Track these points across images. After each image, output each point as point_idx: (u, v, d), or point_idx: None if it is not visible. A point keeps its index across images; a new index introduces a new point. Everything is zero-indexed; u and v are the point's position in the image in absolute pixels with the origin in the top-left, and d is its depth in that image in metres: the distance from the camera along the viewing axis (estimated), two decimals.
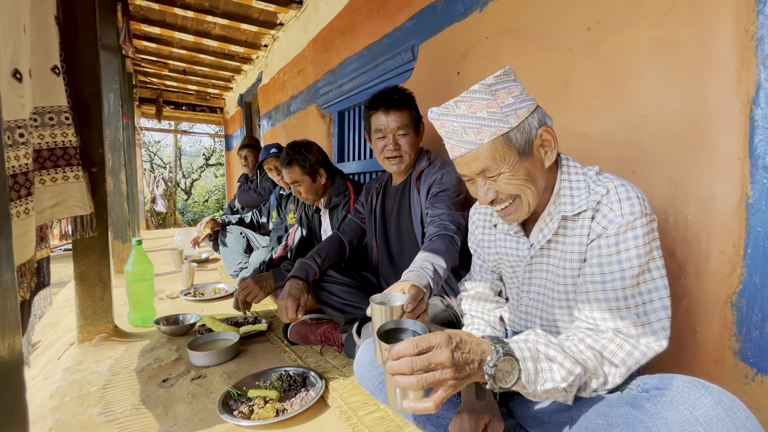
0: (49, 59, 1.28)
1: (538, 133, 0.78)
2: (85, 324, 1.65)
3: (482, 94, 0.76)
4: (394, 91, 1.42)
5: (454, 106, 0.77)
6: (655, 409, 0.59)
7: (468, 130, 0.77)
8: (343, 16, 2.71)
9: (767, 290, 0.92)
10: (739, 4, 0.92)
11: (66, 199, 1.38)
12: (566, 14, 1.30)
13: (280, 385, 1.23)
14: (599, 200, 0.77)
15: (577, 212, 0.79)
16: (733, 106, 0.94)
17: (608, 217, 0.75)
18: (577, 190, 0.81)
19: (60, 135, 1.33)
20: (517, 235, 0.91)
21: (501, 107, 0.75)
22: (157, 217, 9.41)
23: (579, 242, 0.79)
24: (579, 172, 0.83)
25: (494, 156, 0.76)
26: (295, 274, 1.46)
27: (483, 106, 0.76)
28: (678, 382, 0.61)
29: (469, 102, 0.76)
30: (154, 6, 3.20)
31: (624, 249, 0.73)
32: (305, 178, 1.85)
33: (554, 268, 0.84)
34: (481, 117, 0.76)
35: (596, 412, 0.65)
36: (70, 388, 1.30)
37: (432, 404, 0.58)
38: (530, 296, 0.91)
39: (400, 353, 0.58)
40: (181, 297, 2.33)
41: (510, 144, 0.76)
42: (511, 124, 0.75)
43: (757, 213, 0.92)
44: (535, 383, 0.63)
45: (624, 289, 0.73)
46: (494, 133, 0.75)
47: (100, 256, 1.66)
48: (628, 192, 0.75)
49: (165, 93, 6.32)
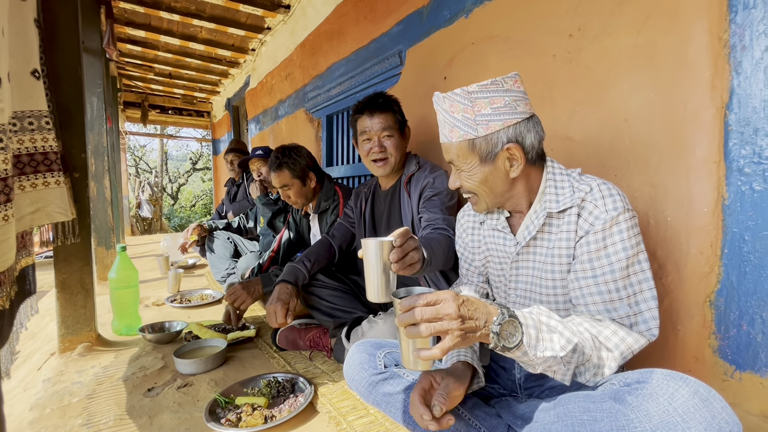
0: (29, 63, 1.26)
1: (504, 147, 0.82)
2: (66, 333, 1.60)
3: (462, 99, 0.82)
4: (378, 96, 1.45)
5: (442, 100, 0.85)
6: (636, 402, 0.61)
7: (445, 125, 0.86)
8: (330, 20, 2.72)
9: (743, 289, 0.95)
10: (712, 14, 0.96)
11: (46, 205, 1.34)
12: (549, 21, 1.33)
13: (268, 391, 1.22)
14: (583, 197, 0.81)
15: (562, 209, 0.83)
16: (708, 111, 0.97)
17: (594, 213, 0.79)
18: (562, 189, 0.85)
19: (40, 140, 1.30)
20: (504, 231, 0.94)
21: (476, 115, 0.81)
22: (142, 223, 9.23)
23: (567, 238, 0.83)
24: (563, 173, 0.88)
25: (459, 154, 0.85)
26: (284, 279, 1.45)
27: (460, 109, 0.82)
28: (657, 375, 0.64)
29: (451, 101, 0.83)
30: (138, 9, 3.16)
31: (611, 243, 0.77)
32: (295, 181, 1.84)
33: (540, 264, 0.87)
34: (456, 118, 0.83)
35: (581, 408, 0.66)
36: (51, 399, 1.26)
37: (438, 351, 0.62)
38: (517, 292, 0.92)
39: (411, 305, 0.64)
40: (168, 304, 2.29)
41: (473, 149, 0.83)
42: (478, 133, 0.81)
43: (732, 214, 0.95)
44: (536, 348, 0.67)
45: (615, 282, 0.77)
46: (461, 136, 0.83)
47: (83, 263, 1.62)
48: (610, 189, 0.80)
49: (150, 97, 6.23)
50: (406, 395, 0.88)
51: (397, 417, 0.89)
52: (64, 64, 1.53)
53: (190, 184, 16.75)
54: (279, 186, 1.86)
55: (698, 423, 0.56)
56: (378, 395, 0.92)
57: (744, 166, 0.93)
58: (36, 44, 1.29)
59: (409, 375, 0.91)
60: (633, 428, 0.59)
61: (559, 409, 0.70)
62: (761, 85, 0.89)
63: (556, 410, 0.70)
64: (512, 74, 0.84)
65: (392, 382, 0.91)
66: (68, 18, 1.55)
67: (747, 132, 0.92)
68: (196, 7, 3.25)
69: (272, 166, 1.85)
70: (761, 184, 0.91)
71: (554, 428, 0.69)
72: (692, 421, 0.57)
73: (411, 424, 0.88)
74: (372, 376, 0.92)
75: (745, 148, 0.93)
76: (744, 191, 0.93)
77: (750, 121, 0.91)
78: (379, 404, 0.92)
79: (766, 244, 0.91)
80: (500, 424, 0.85)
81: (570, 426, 0.67)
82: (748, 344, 0.95)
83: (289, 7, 3.20)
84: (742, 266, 0.95)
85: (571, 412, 0.67)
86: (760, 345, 0.93)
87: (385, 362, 0.94)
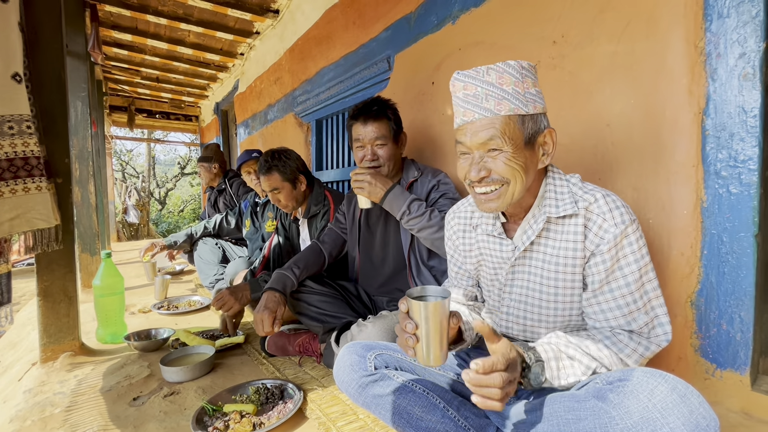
0: (9, 66, 1.24)
1: (545, 131, 0.81)
2: (48, 342, 1.57)
3: (514, 71, 0.78)
4: (373, 103, 1.44)
5: (485, 72, 0.78)
6: (617, 399, 0.63)
7: (489, 98, 0.78)
8: (319, 25, 2.73)
9: (723, 289, 0.98)
10: (688, 22, 0.99)
11: (26, 212, 1.32)
12: (534, 28, 1.36)
13: (257, 398, 1.20)
14: (587, 207, 0.81)
15: (562, 215, 0.82)
16: (686, 117, 1.00)
17: (603, 227, 0.79)
18: (561, 194, 0.84)
19: (21, 145, 1.28)
20: (500, 237, 0.92)
21: (525, 91, 0.78)
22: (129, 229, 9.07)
23: (573, 248, 0.82)
24: (562, 178, 0.87)
25: (504, 130, 0.77)
26: (272, 286, 1.44)
27: (511, 81, 0.77)
28: (638, 373, 0.65)
29: (500, 73, 0.78)
30: (125, 13, 3.13)
31: (623, 257, 0.78)
32: (285, 184, 1.82)
33: (539, 270, 0.86)
34: (506, 90, 0.77)
35: (566, 407, 0.67)
36: (32, 410, 1.23)
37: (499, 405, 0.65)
38: (512, 297, 0.92)
39: (492, 369, 0.65)
40: (154, 311, 2.25)
41: (522, 126, 0.78)
42: (529, 110, 0.78)
43: (711, 216, 0.98)
44: (558, 378, 0.73)
45: (632, 293, 0.78)
46: (512, 109, 0.77)
47: (66, 270, 1.59)
48: (615, 201, 0.80)
49: (137, 101, 6.15)
50: (395, 397, 0.88)
51: (387, 418, 0.89)
52: (46, 67, 1.50)
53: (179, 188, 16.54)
54: (269, 189, 1.84)
55: (676, 418, 0.58)
56: (368, 397, 0.91)
57: (721, 170, 0.96)
58: (19, 47, 1.27)
59: (399, 376, 0.91)
60: (615, 425, 0.61)
61: (545, 410, 0.71)
62: (735, 91, 0.93)
63: (542, 410, 0.71)
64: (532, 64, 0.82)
65: (382, 384, 0.91)
66: (51, 21, 1.52)
67: (723, 136, 0.95)
68: (183, 11, 3.23)
69: (261, 169, 1.84)
70: (737, 187, 0.94)
71: (541, 428, 0.70)
72: (671, 417, 0.58)
73: (401, 425, 0.88)
74: (362, 378, 0.92)
75: (721, 152, 0.96)
76: (721, 194, 0.96)
77: (726, 126, 0.95)
78: (369, 406, 0.92)
79: (743, 245, 0.94)
80: (488, 425, 0.86)
81: (556, 425, 0.68)
82: (727, 343, 0.98)
83: (278, 11, 3.20)
84: (721, 267, 0.97)
85: (556, 412, 0.68)
86: (739, 343, 0.96)
87: (375, 364, 0.94)
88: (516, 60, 0.79)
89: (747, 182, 0.92)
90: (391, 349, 0.97)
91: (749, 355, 0.94)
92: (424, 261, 1.42)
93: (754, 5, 0.89)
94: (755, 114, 0.90)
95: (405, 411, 0.86)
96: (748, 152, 0.92)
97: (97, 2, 2.94)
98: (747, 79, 0.91)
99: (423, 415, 0.86)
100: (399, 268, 1.50)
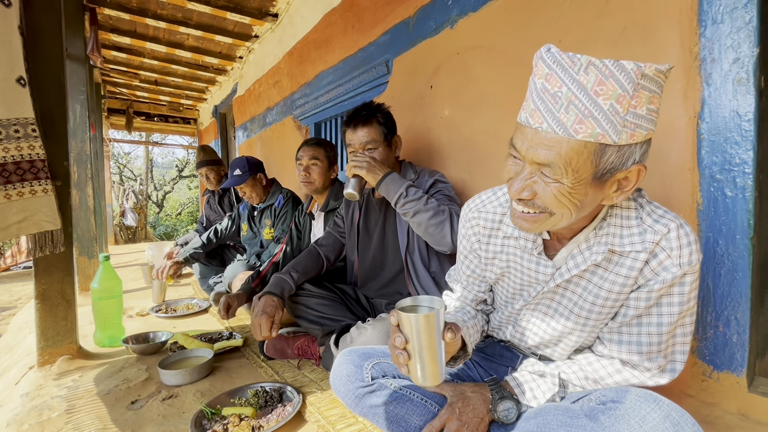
0: (14, 70, 1.25)
1: (629, 168, 0.61)
2: (46, 346, 1.56)
3: (626, 80, 0.55)
4: (363, 108, 1.45)
5: (584, 67, 0.56)
6: (608, 422, 0.62)
7: (571, 109, 0.57)
8: (318, 29, 2.74)
9: (719, 291, 0.98)
10: (683, 28, 1.00)
11: (34, 214, 1.32)
12: (531, 33, 1.37)
13: (255, 401, 1.20)
14: (657, 241, 0.68)
15: (628, 249, 0.69)
16: (682, 121, 1.02)
17: (663, 264, 0.68)
18: (627, 220, 0.70)
19: (27, 148, 1.29)
20: (540, 256, 0.79)
21: (629, 111, 0.56)
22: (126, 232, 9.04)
23: (622, 283, 0.71)
24: (630, 197, 0.72)
25: (571, 159, 0.58)
26: (270, 290, 1.44)
27: (614, 95, 0.56)
28: (632, 395, 0.64)
29: (603, 76, 0.56)
30: (124, 16, 3.14)
31: (667, 295, 0.70)
32: (324, 162, 1.90)
33: (576, 297, 0.78)
34: (599, 105, 0.56)
35: (558, 421, 0.67)
36: (29, 415, 1.22)
37: None
38: (534, 314, 0.85)
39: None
40: (152, 314, 2.25)
41: (598, 160, 0.59)
42: (621, 139, 0.57)
43: (706, 219, 0.99)
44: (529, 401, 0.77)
45: (660, 335, 0.72)
46: (596, 135, 0.57)
47: (64, 273, 1.58)
48: (688, 236, 0.67)
49: (136, 104, 6.14)
50: (392, 406, 0.87)
51: (383, 427, 0.89)
52: (46, 71, 1.50)
53: (176, 191, 16.50)
54: (309, 158, 1.88)
55: None
56: (365, 407, 0.90)
57: (716, 173, 0.97)
58: (20, 51, 1.27)
59: (396, 385, 0.91)
60: None
61: (539, 419, 0.71)
62: (730, 95, 0.94)
63: (536, 420, 0.71)
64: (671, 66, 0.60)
65: (379, 394, 0.89)
66: (51, 24, 1.53)
67: (718, 140, 0.96)
68: (182, 15, 3.24)
69: (310, 141, 1.94)
70: (732, 190, 0.95)
71: None
72: None
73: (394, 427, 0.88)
74: (358, 389, 0.90)
75: (716, 155, 0.97)
76: (717, 197, 0.97)
77: (720, 130, 0.96)
78: (366, 415, 0.91)
79: (738, 248, 0.95)
80: None
81: None
82: (724, 345, 0.98)
83: (277, 15, 3.22)
84: (717, 269, 0.98)
85: (549, 423, 0.68)
86: (736, 345, 0.97)
87: (372, 374, 0.91)
88: (638, 63, 0.56)
89: (742, 185, 0.93)
90: (389, 355, 0.96)
91: (745, 357, 0.95)
92: (425, 264, 1.42)
93: (748, 11, 0.90)
94: (749, 118, 0.92)
95: (403, 420, 0.86)
96: (742, 156, 0.93)
97: (96, 6, 2.94)
98: (741, 84, 0.92)
99: (421, 424, 0.85)
100: (398, 271, 1.50)
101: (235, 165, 2.36)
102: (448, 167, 1.74)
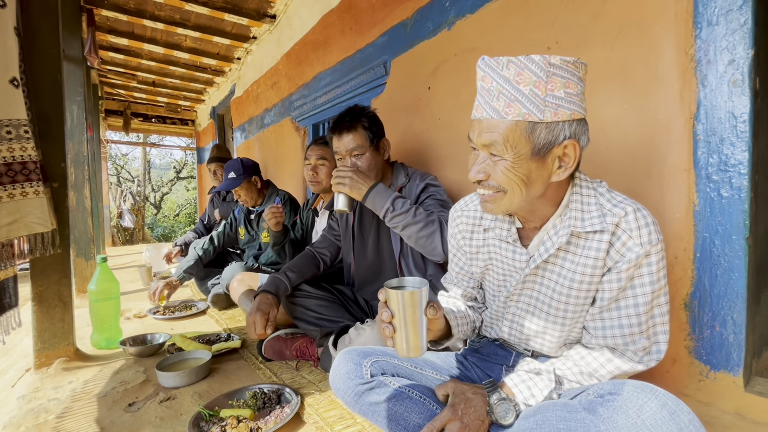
0: (7, 71, 1.24)
1: (563, 143, 0.71)
2: (43, 348, 1.55)
3: (537, 68, 0.68)
4: (347, 114, 1.42)
5: (505, 64, 0.70)
6: (607, 414, 0.63)
7: (501, 97, 0.70)
8: (316, 31, 2.74)
9: (715, 291, 0.99)
10: (679, 30, 1.01)
11: (24, 216, 1.31)
12: (528, 34, 1.38)
13: (254, 403, 1.20)
14: (617, 223, 0.75)
15: (588, 230, 0.76)
16: (678, 122, 1.02)
17: (627, 245, 0.74)
18: (587, 206, 0.78)
19: (18, 149, 1.28)
20: (515, 244, 0.86)
21: (546, 94, 0.68)
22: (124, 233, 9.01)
23: (592, 265, 0.77)
24: (589, 186, 0.80)
25: (509, 137, 0.70)
26: (264, 289, 1.43)
27: (530, 81, 0.68)
28: (628, 387, 0.65)
29: (520, 68, 0.69)
30: (121, 17, 3.13)
31: (638, 276, 0.75)
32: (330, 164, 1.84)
33: (552, 284, 0.83)
34: (520, 90, 0.69)
35: (558, 417, 0.68)
36: (26, 417, 1.22)
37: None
38: (519, 306, 0.90)
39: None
40: (150, 316, 2.24)
41: (531, 135, 0.70)
42: (543, 116, 0.69)
43: (703, 220, 1.00)
44: (534, 398, 0.78)
45: (638, 316, 0.76)
46: (522, 114, 0.69)
47: (61, 275, 1.58)
48: (646, 218, 0.74)
49: (133, 105, 6.13)
50: (391, 404, 0.88)
51: (383, 425, 0.89)
52: (43, 72, 1.50)
53: (174, 193, 16.46)
54: (317, 157, 1.86)
55: None
56: (364, 405, 0.91)
57: (712, 174, 0.98)
58: (15, 52, 1.27)
59: (395, 383, 0.91)
60: None
61: (538, 417, 0.71)
62: (725, 97, 0.95)
63: (535, 417, 0.72)
64: (583, 62, 0.72)
65: (378, 391, 0.90)
66: (48, 26, 1.53)
67: (714, 141, 0.97)
68: (180, 16, 3.24)
69: (318, 141, 1.91)
70: (728, 191, 0.95)
71: None
72: None
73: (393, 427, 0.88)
74: (358, 386, 0.91)
75: (712, 156, 0.97)
76: (713, 197, 0.98)
77: (716, 130, 0.96)
78: (366, 413, 0.92)
79: (734, 248, 0.95)
80: None
81: None
82: (721, 345, 0.99)
83: (275, 17, 3.22)
84: (713, 269, 0.99)
85: (549, 420, 0.69)
86: (732, 345, 0.97)
87: (372, 371, 0.92)
88: (544, 55, 0.69)
89: (738, 186, 0.94)
90: (388, 355, 0.96)
91: (742, 356, 0.96)
92: (420, 268, 1.41)
93: (743, 14, 0.91)
94: (745, 119, 0.92)
95: (402, 417, 0.86)
96: (738, 156, 0.94)
97: (93, 7, 2.94)
98: (736, 86, 0.93)
99: (420, 422, 0.85)
100: (394, 274, 1.50)
101: (230, 167, 2.33)
102: (446, 168, 1.74)
